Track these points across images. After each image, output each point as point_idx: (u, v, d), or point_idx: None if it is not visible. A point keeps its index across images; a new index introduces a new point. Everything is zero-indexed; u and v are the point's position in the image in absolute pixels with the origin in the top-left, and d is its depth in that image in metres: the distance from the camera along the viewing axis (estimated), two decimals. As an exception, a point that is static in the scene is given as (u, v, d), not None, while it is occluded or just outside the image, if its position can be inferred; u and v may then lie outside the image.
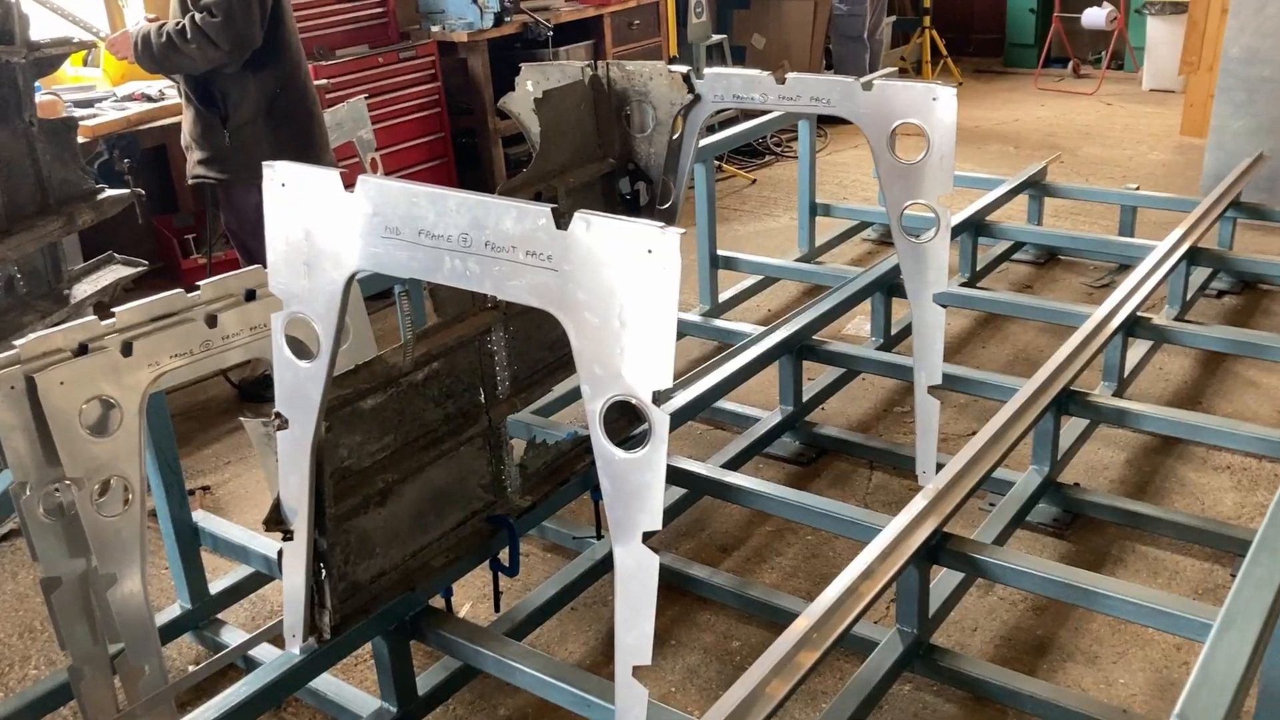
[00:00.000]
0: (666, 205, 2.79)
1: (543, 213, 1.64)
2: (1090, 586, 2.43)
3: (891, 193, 2.47)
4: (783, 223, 6.03)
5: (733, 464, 3.44)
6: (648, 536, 1.69)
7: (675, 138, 2.70)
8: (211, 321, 2.62)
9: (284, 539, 2.11)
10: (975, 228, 4.73)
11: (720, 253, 4.60)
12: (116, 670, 2.47)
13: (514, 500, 2.66)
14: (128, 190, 3.54)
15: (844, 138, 7.61)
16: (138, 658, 2.48)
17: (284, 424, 2.03)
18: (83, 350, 2.41)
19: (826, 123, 7.93)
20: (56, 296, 3.58)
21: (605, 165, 2.75)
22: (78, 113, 4.30)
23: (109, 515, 2.42)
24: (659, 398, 1.63)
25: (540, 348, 2.67)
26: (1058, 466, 3.28)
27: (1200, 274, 4.61)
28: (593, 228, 1.60)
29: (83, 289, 3.65)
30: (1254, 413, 3.83)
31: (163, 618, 2.83)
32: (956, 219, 4.68)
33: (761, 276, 4.78)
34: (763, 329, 3.85)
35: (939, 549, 2.58)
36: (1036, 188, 5.25)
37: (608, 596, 3.05)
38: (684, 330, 4.22)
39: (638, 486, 1.68)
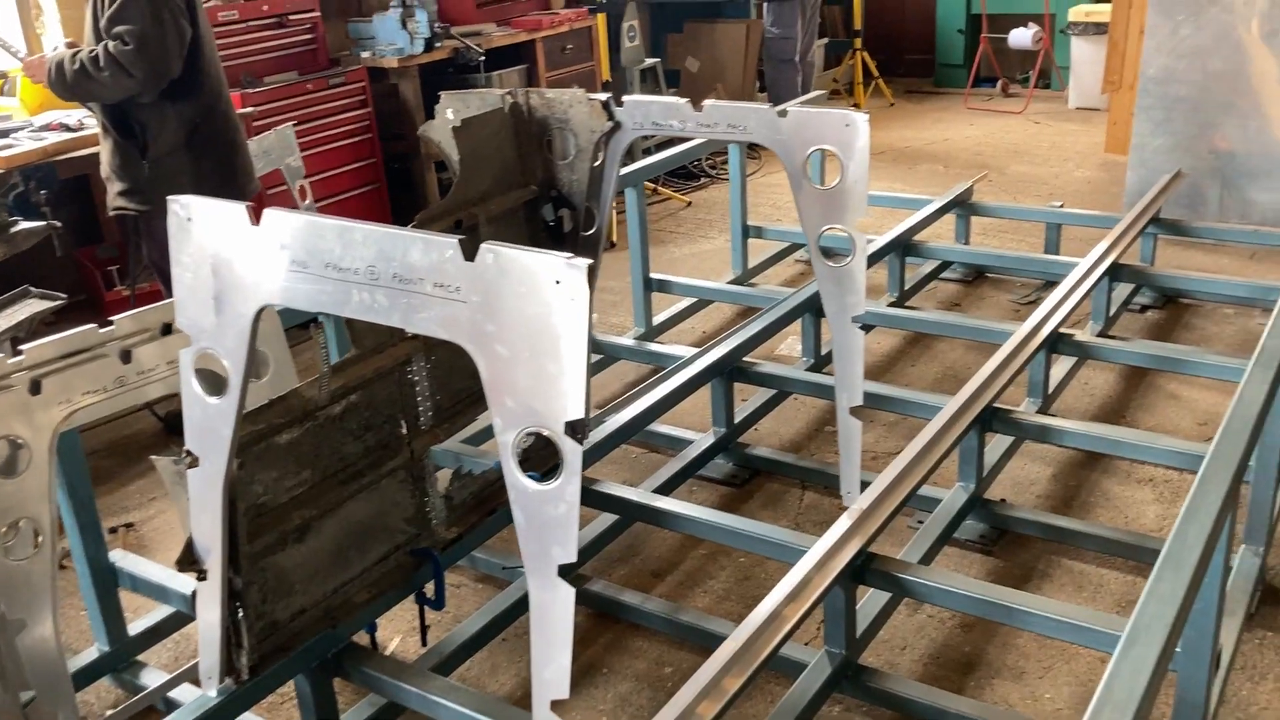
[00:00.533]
0: (591, 231, 2.79)
1: (450, 244, 1.63)
2: (1012, 604, 2.45)
3: (808, 218, 2.49)
4: (718, 244, 6.06)
5: (666, 487, 3.44)
6: (563, 570, 1.68)
7: (597, 165, 2.70)
8: (126, 357, 2.57)
9: (198, 579, 2.07)
10: (903, 247, 4.79)
11: (654, 276, 4.61)
12: (29, 719, 2.40)
13: (439, 532, 2.63)
14: (43, 223, 3.47)
15: (776, 161, 7.65)
16: (50, 705, 2.41)
17: (195, 462, 1.99)
18: (-12, 389, 2.36)
19: (758, 146, 8.01)
20: (-31, 332, 3.49)
21: (527, 192, 2.75)
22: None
23: (17, 558, 2.36)
24: (572, 429, 1.62)
25: (464, 377, 2.65)
26: (984, 483, 3.32)
27: (1123, 289, 4.70)
28: (500, 259, 1.60)
29: (-2, 324, 3.57)
30: (1176, 426, 3.90)
31: (80, 661, 2.77)
32: (885, 239, 4.75)
33: (695, 299, 4.79)
34: (695, 351, 3.86)
35: (864, 569, 2.60)
36: (963, 207, 5.33)
37: (539, 625, 3.02)
38: (618, 354, 4.22)
39: (551, 519, 1.67)
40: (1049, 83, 9.43)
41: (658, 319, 4.69)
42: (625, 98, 2.61)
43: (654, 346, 4.20)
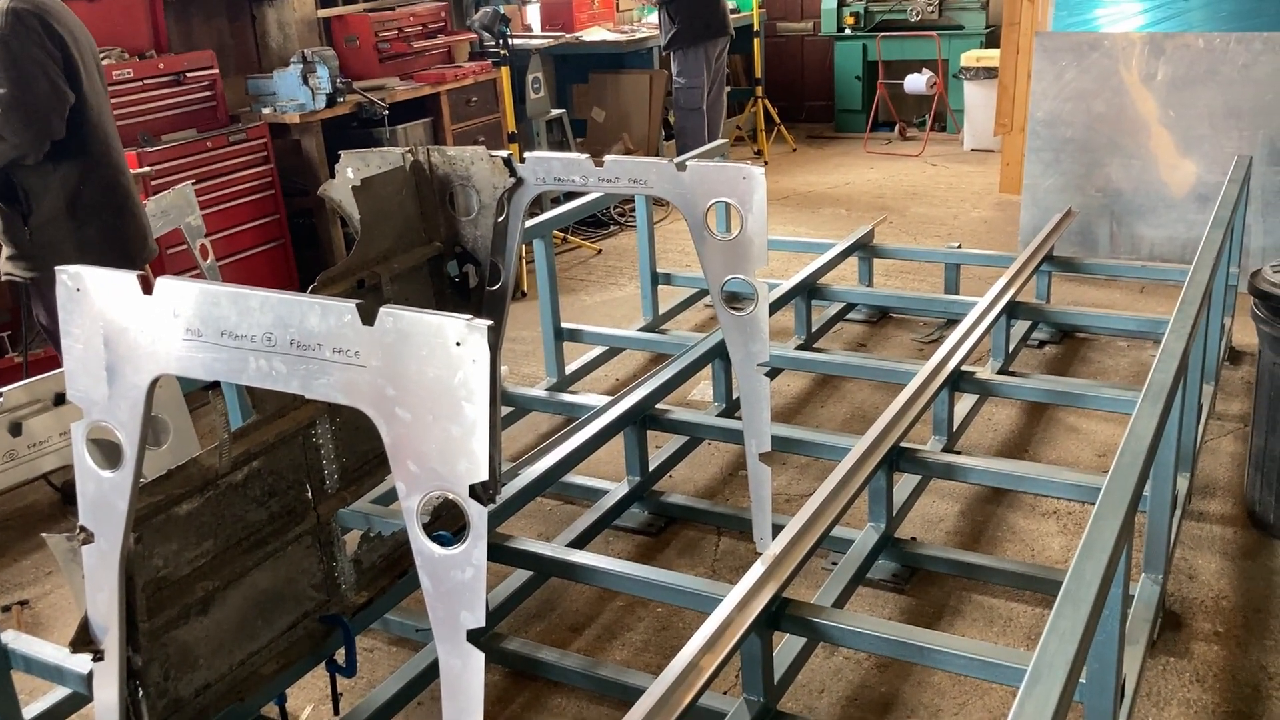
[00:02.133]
0: (496, 286, 2.79)
1: (348, 309, 1.61)
2: (924, 643, 2.48)
3: (711, 268, 2.52)
4: (629, 291, 6.10)
5: (582, 539, 3.42)
6: (472, 635, 1.66)
7: (500, 220, 2.70)
8: (16, 430, 2.49)
9: (94, 659, 1.99)
10: (809, 290, 4.87)
11: (564, 325, 4.61)
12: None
13: (349, 597, 2.58)
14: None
15: (685, 205, 7.75)
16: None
17: (89, 538, 1.92)
18: None
19: (668, 191, 8.11)
20: None
21: (431, 249, 2.74)
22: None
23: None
24: (476, 492, 1.61)
25: (369, 438, 2.62)
26: (894, 522, 3.37)
27: (1021, 326, 4.84)
28: (400, 322, 1.59)
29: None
30: (1076, 458, 4.02)
31: (-29, 749, 2.64)
32: (790, 282, 4.83)
33: (606, 347, 4.81)
34: (608, 400, 3.86)
35: (779, 615, 2.61)
36: (865, 249, 5.45)
37: (456, 687, 2.97)
38: (530, 405, 4.20)
39: (459, 584, 1.65)
40: (944, 126, 9.71)
41: (570, 368, 4.69)
42: (527, 154, 2.62)
43: (566, 396, 4.19)
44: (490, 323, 1.55)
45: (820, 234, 6.72)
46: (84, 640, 1.98)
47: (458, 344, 1.56)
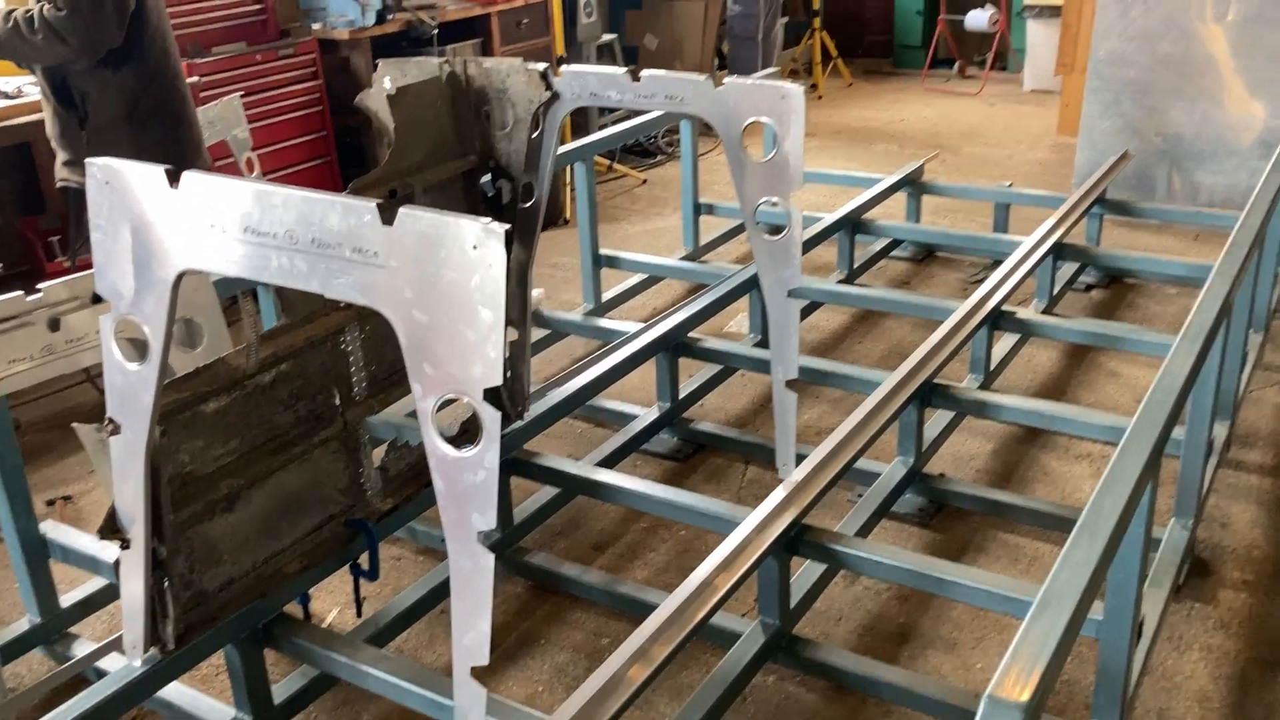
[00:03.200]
0: (529, 203, 2.78)
1: (368, 208, 1.62)
2: (943, 575, 2.48)
3: (744, 190, 2.49)
4: (672, 222, 6.05)
5: (610, 460, 3.44)
6: (483, 537, 1.68)
7: (535, 135, 2.68)
8: (54, 325, 2.54)
9: (121, 547, 2.05)
10: (853, 225, 4.80)
11: (603, 252, 4.59)
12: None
13: (374, 503, 2.62)
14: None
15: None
16: (-27, 676, 2.40)
17: (116, 429, 1.97)
18: (-97, 354, 2.32)
19: (718, 122, 8.01)
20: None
21: (466, 162, 2.73)
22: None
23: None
24: (490, 395, 1.62)
25: (398, 347, 2.63)
26: (923, 458, 3.35)
27: (1068, 268, 4.75)
28: (419, 223, 1.59)
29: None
30: (1115, 403, 3.96)
31: (11, 632, 2.73)
32: (834, 215, 4.76)
33: (645, 275, 4.79)
34: (641, 326, 3.85)
35: (798, 541, 2.62)
36: (914, 185, 5.35)
37: (478, 598, 3.02)
38: (564, 329, 4.20)
39: (471, 486, 1.66)
40: (1005, 65, 9.48)
41: (607, 295, 4.69)
42: (563, 68, 2.59)
43: (601, 322, 4.19)
44: (507, 226, 1.54)
45: (871, 170, 6.61)
46: (111, 529, 2.04)
47: (474, 247, 1.55)
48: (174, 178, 1.76)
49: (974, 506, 3.29)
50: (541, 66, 2.60)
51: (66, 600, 2.79)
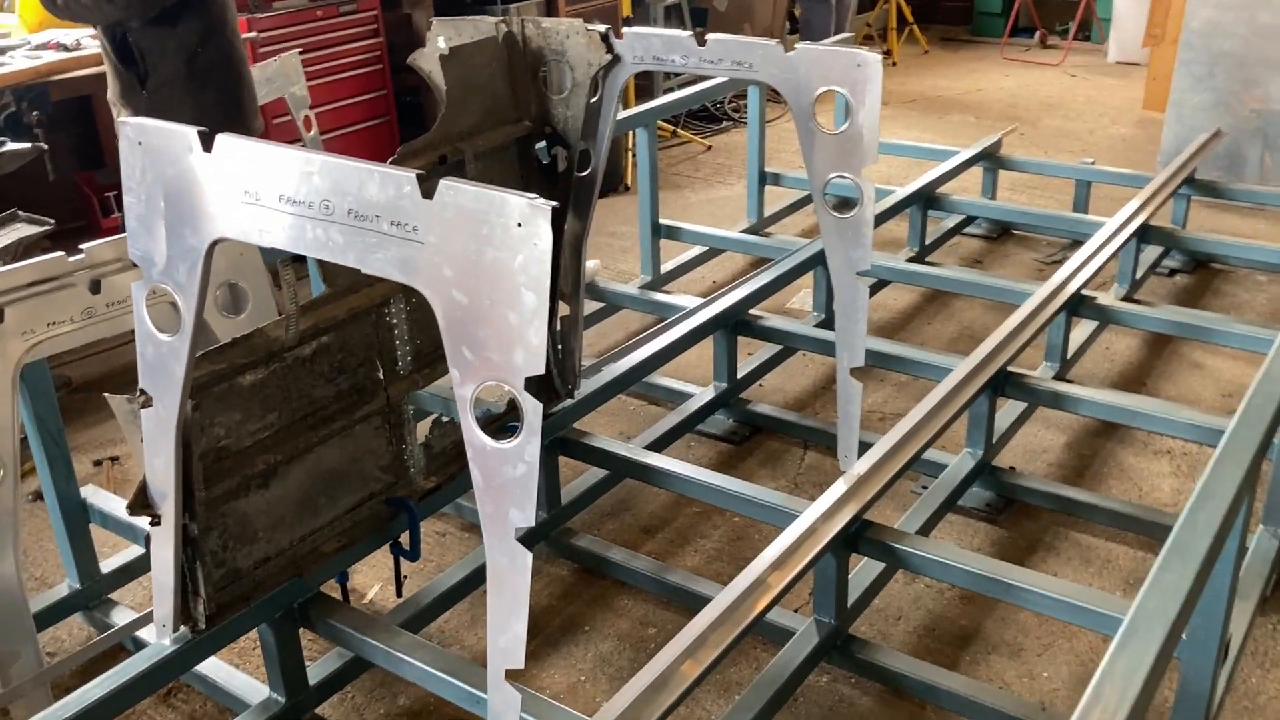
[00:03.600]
0: (585, 172, 2.65)
1: (408, 179, 1.50)
2: (1011, 580, 2.33)
3: (813, 164, 2.34)
4: (736, 190, 5.88)
5: (662, 441, 3.32)
6: (521, 533, 1.57)
7: (594, 100, 2.55)
8: (95, 287, 2.46)
9: (151, 523, 1.97)
10: (925, 200, 4.61)
11: (663, 221, 4.45)
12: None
13: (417, 481, 2.53)
14: (29, 145, 3.36)
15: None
16: (9, 642, 2.35)
17: (148, 401, 1.88)
18: (-55, 316, 2.26)
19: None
20: (-49, 255, 3.40)
21: (520, 128, 2.60)
22: (-7, 60, 4.10)
23: (-26, 494, 2.28)
24: (532, 384, 1.50)
25: (446, 321, 2.53)
26: (993, 449, 3.18)
27: (1152, 252, 4.52)
28: (461, 196, 1.47)
29: (-18, 248, 3.47)
30: (1198, 396, 3.75)
31: (51, 596, 2.70)
32: (906, 190, 4.57)
33: (706, 248, 4.63)
34: (699, 303, 3.72)
35: (858, 537, 2.48)
36: (991, 160, 5.13)
37: (523, 579, 2.93)
38: (620, 302, 4.08)
39: (510, 480, 1.55)
40: (1089, 35, 9.11)
41: (667, 266, 4.55)
42: (625, 29, 2.45)
43: (658, 296, 4.05)
44: (554, 204, 1.41)
45: (944, 141, 6.37)
46: (142, 504, 1.96)
47: (519, 224, 1.43)
48: (207, 141, 1.65)
49: (1045, 503, 3.12)
50: (602, 28, 2.46)
51: (107, 566, 2.75)
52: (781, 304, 4.44)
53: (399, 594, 2.62)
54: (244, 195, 1.65)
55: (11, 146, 3.35)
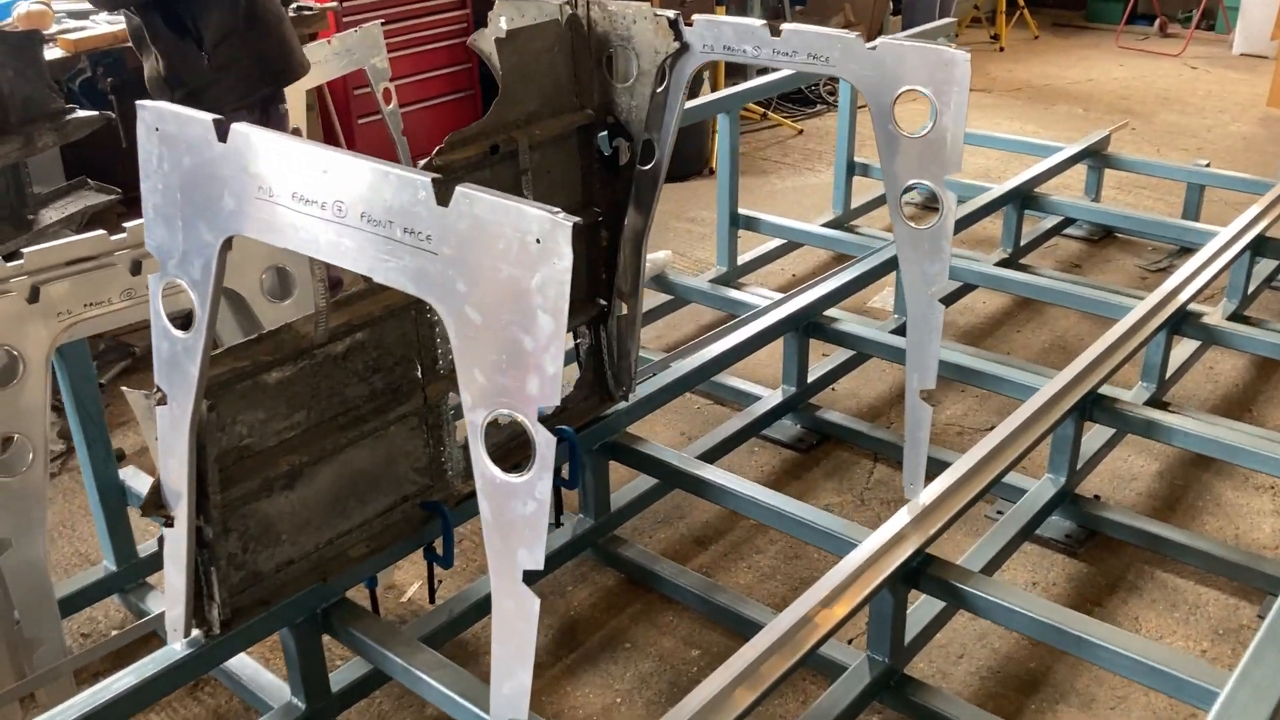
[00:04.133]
0: (649, 165, 2.49)
1: (423, 183, 1.36)
2: (1085, 634, 2.13)
3: (890, 169, 2.15)
4: (824, 179, 5.65)
5: (725, 445, 3.18)
6: (528, 577, 1.43)
7: (660, 90, 2.39)
8: (136, 268, 2.39)
9: (165, 525, 1.89)
10: (1022, 199, 4.34)
11: (742, 211, 4.27)
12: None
13: (455, 485, 2.41)
14: (96, 112, 3.31)
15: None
16: (33, 629, 2.31)
17: (164, 399, 1.79)
18: (-20, 293, 2.21)
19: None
20: (18, 221, 3.39)
21: (583, 116, 2.45)
22: (69, 24, 4.08)
23: (4, 475, 2.23)
24: (545, 417, 1.37)
25: (493, 318, 2.40)
26: (1077, 476, 2.96)
27: (1267, 265, 4.19)
28: (476, 205, 1.33)
29: (49, 215, 3.45)
30: (1310, 427, 3.46)
31: (88, 578, 2.66)
32: (1003, 187, 4.31)
33: (785, 240, 4.43)
34: (769, 302, 3.54)
35: (919, 573, 2.30)
36: (1096, 158, 4.83)
37: (566, 587, 2.82)
38: (691, 297, 3.91)
39: (519, 518, 1.42)
40: (1213, 24, 8.61)
41: (745, 257, 4.37)
42: (696, 16, 2.28)
43: (729, 291, 3.86)
44: (576, 220, 1.27)
45: (1049, 134, 6.06)
46: (155, 504, 1.88)
47: (538, 240, 1.29)
48: (223, 130, 1.54)
49: (1130, 538, 2.90)
50: (671, 14, 2.29)
51: (144, 549, 2.70)
52: (864, 301, 4.23)
53: (431, 600, 2.51)
54: (257, 191, 1.53)
55: (80, 114, 3.31)
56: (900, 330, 3.69)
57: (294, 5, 4.36)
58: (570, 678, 2.55)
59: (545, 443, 1.37)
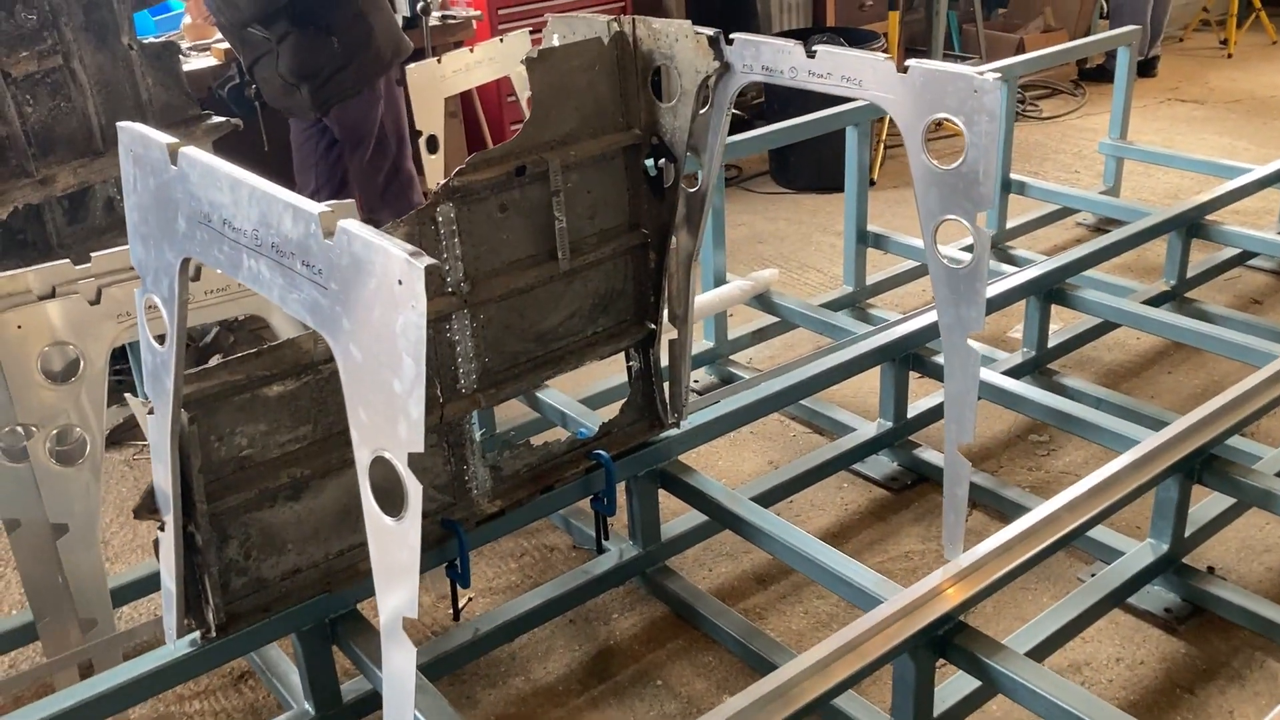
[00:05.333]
0: (695, 189, 2.39)
1: (313, 217, 1.34)
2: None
3: (924, 202, 1.96)
4: (994, 194, 5.33)
5: (808, 477, 3.03)
6: (409, 627, 1.39)
7: (704, 110, 2.29)
8: (195, 274, 2.50)
9: (160, 529, 1.96)
10: (1190, 227, 3.93)
11: (870, 229, 4.07)
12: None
13: (479, 504, 2.40)
14: (224, 119, 3.50)
15: (1106, 99, 6.59)
16: (87, 610, 2.45)
17: (152, 409, 1.86)
18: (51, 294, 2.35)
19: (1090, 78, 7.00)
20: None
21: (629, 136, 2.37)
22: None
23: (63, 465, 2.37)
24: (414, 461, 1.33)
25: (523, 339, 2.38)
26: (1185, 544, 2.65)
27: None
28: (354, 243, 1.30)
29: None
30: None
31: (146, 569, 2.75)
32: (1167, 213, 3.91)
33: (917, 262, 4.19)
34: (869, 330, 3.35)
35: (946, 642, 2.11)
36: (1290, 182, 4.32)
37: (611, 614, 2.76)
38: (794, 320, 3.73)
39: (396, 563, 1.38)
40: None
41: (874, 278, 4.16)
42: (735, 35, 2.16)
43: (830, 317, 3.63)
44: (432, 262, 1.21)
45: (1264, 152, 5.49)
46: (148, 508, 1.95)
47: (400, 282, 1.24)
48: (174, 153, 1.57)
49: (1242, 620, 2.56)
50: (711, 32, 2.19)
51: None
52: (1001, 331, 3.96)
53: (455, 618, 2.51)
54: (199, 215, 1.56)
55: (213, 120, 3.50)
56: (1015, 370, 3.44)
57: (438, 14, 4.48)
58: (594, 709, 2.49)
59: (414, 490, 1.33)
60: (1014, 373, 3.38)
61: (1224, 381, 3.61)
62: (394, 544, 1.37)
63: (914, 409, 3.24)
